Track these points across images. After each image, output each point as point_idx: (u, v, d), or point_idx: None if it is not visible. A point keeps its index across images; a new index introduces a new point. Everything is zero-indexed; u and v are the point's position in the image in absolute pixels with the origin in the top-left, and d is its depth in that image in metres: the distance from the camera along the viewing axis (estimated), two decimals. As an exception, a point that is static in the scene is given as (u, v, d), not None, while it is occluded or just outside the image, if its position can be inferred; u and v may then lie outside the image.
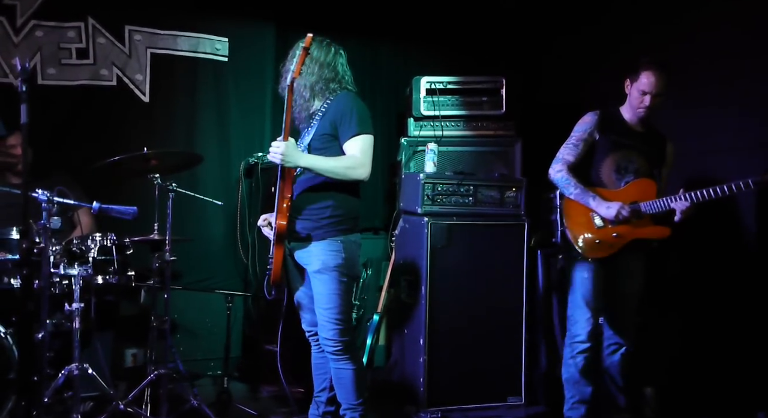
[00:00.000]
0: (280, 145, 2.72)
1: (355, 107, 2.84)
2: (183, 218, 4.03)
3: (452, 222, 3.75)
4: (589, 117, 3.37)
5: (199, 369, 4.30)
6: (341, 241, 2.86)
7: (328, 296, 2.85)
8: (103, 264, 3.22)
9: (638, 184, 3.27)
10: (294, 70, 2.71)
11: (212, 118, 4.56)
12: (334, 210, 2.87)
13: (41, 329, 2.88)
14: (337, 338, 2.87)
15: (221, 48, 4.59)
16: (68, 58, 4.25)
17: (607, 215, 3.19)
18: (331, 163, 2.79)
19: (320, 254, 2.85)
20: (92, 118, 4.27)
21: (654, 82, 3.18)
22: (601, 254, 3.25)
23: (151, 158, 3.24)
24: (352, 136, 2.81)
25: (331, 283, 2.84)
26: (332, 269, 2.84)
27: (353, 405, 2.93)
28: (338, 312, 2.86)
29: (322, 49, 2.91)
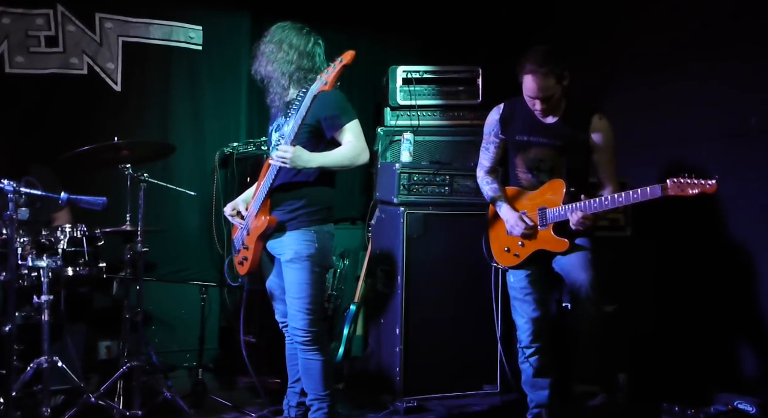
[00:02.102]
0: (289, 149, 2.70)
1: (336, 98, 2.82)
2: (157, 209, 3.98)
3: (428, 212, 3.75)
4: (492, 116, 3.22)
5: (174, 361, 4.26)
6: (314, 231, 2.86)
7: (300, 285, 2.84)
8: (73, 255, 3.18)
9: (550, 186, 3.05)
10: (327, 83, 2.60)
11: (187, 108, 4.50)
12: (308, 200, 2.86)
13: (8, 322, 2.84)
14: (306, 328, 2.86)
15: (195, 36, 4.53)
16: (37, 46, 4.16)
17: (508, 230, 3.11)
18: (336, 158, 2.80)
19: (293, 243, 2.84)
20: (63, 108, 4.19)
21: (536, 87, 2.92)
22: (510, 262, 3.16)
23: (122, 148, 3.19)
24: (343, 125, 2.81)
25: (302, 272, 2.83)
26: (305, 259, 2.83)
27: (321, 396, 2.92)
28: (309, 302, 2.84)
29: (302, 37, 2.88)
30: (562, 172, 3.07)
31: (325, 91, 2.63)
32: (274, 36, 2.90)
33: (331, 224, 2.96)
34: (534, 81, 2.93)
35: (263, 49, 2.90)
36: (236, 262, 3.04)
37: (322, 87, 2.63)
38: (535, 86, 2.94)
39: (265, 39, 2.93)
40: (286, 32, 2.89)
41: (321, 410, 2.92)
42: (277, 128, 2.97)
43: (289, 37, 2.86)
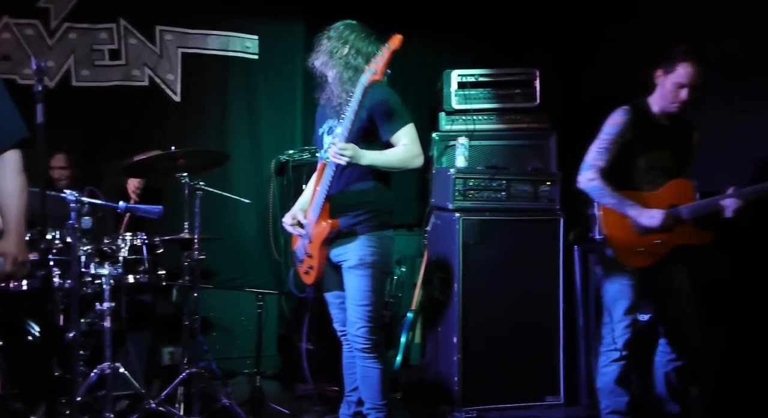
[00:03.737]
0: (347, 147, 2.65)
1: (391, 98, 2.79)
2: (215, 217, 4.04)
3: (485, 218, 3.68)
4: (620, 117, 3.14)
5: (234, 367, 4.30)
6: (377, 237, 2.82)
7: (363, 292, 2.80)
8: (133, 263, 3.24)
9: (675, 186, 3.07)
10: (377, 72, 2.55)
11: (243, 117, 4.56)
12: (370, 205, 2.83)
13: (72, 329, 2.92)
14: (366, 336, 2.82)
15: (251, 46, 4.59)
16: (101, 59, 4.30)
17: (651, 224, 2.99)
18: (390, 158, 2.77)
19: (357, 249, 2.80)
20: (125, 119, 4.31)
21: (692, 74, 2.97)
22: (643, 262, 3.07)
23: (178, 157, 3.24)
24: (398, 129, 2.78)
25: (366, 279, 2.80)
26: (368, 266, 2.80)
27: (378, 405, 2.87)
28: (370, 310, 2.81)
29: (370, 45, 2.82)
30: (678, 172, 3.11)
31: (376, 81, 2.58)
32: (341, 37, 2.84)
33: (392, 229, 2.92)
34: (693, 67, 2.99)
35: (328, 47, 2.84)
36: (301, 272, 3.00)
37: (373, 77, 2.57)
38: (694, 73, 2.99)
39: (331, 34, 2.86)
40: (354, 37, 2.83)
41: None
42: (330, 131, 2.93)
43: (357, 44, 2.81)
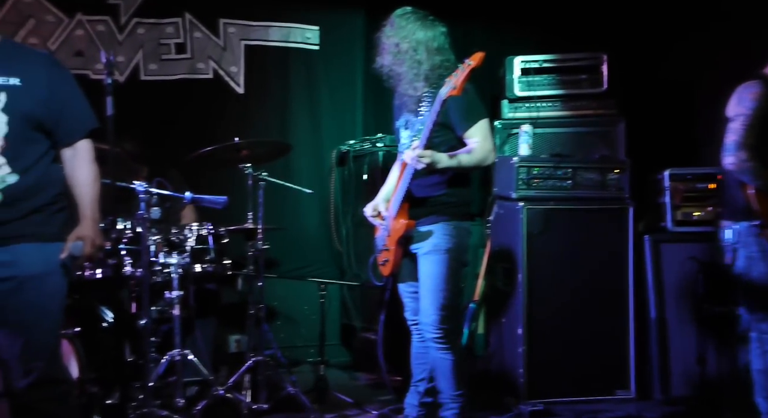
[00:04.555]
0: (426, 153, 2.64)
1: (467, 94, 2.72)
2: (278, 207, 4.09)
3: (549, 207, 3.59)
4: (756, 89, 2.87)
5: (298, 356, 4.37)
6: (454, 226, 2.81)
7: (435, 278, 2.78)
8: (200, 253, 3.30)
9: None
10: (456, 87, 2.56)
11: (304, 107, 4.60)
12: (447, 196, 2.82)
13: (144, 316, 3.00)
14: (438, 325, 2.79)
15: (312, 37, 4.61)
16: (168, 53, 4.40)
17: None
18: (465, 160, 2.74)
19: (433, 236, 2.80)
20: (191, 111, 4.41)
21: None
22: None
23: (241, 148, 3.28)
24: (472, 125, 2.74)
25: (440, 265, 2.78)
26: (443, 252, 2.78)
27: (453, 396, 2.85)
28: (443, 297, 2.78)
29: (428, 29, 2.78)
30: None
31: (453, 96, 2.58)
32: (398, 29, 2.80)
33: (469, 221, 2.90)
34: None
35: (388, 43, 2.82)
36: (379, 262, 3.00)
37: (451, 92, 2.58)
38: None
39: (387, 31, 2.84)
40: (410, 26, 2.79)
41: (451, 410, 2.86)
42: (407, 126, 2.92)
43: (415, 32, 2.77)
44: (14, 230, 2.09)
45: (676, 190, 3.68)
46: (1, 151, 2.07)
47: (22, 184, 2.09)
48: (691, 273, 3.53)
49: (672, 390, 3.57)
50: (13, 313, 2.09)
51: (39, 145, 2.16)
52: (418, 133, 2.81)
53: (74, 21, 4.27)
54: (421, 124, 2.80)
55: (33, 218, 2.13)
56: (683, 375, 3.57)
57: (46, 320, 2.16)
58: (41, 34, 4.22)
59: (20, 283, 2.09)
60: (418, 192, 2.82)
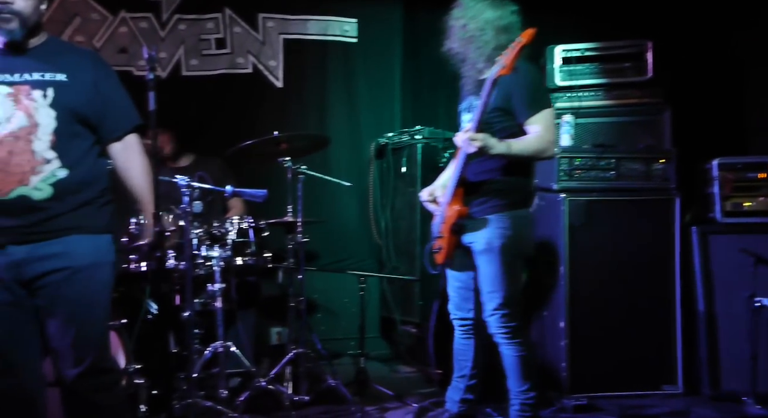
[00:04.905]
0: (478, 136, 2.53)
1: (532, 80, 2.65)
2: (317, 200, 4.11)
3: (592, 198, 3.52)
4: None
5: (338, 348, 4.38)
6: (509, 217, 2.70)
7: (490, 278, 2.70)
8: (241, 246, 3.33)
9: None
10: (506, 66, 2.45)
11: (342, 100, 4.60)
12: (505, 184, 2.72)
13: (188, 308, 3.05)
14: (501, 324, 2.72)
15: (350, 29, 4.61)
16: (208, 48, 4.45)
17: None
18: (521, 148, 2.63)
19: (485, 232, 2.70)
20: (231, 106, 4.45)
21: None
22: None
23: (280, 142, 3.30)
24: (534, 113, 2.63)
25: (493, 265, 2.69)
26: (496, 250, 2.68)
27: (518, 392, 2.79)
28: (502, 296, 2.70)
29: (497, 8, 2.68)
30: None
31: (503, 75, 2.48)
32: (466, 10, 2.72)
33: (528, 208, 2.79)
34: None
35: (456, 25, 2.73)
36: (433, 249, 2.92)
37: (501, 71, 2.47)
38: None
39: (455, 13, 2.76)
40: (478, 5, 2.70)
41: (515, 406, 2.81)
42: (469, 108, 2.82)
43: (483, 12, 2.68)
44: (65, 222, 2.14)
45: (725, 180, 3.57)
46: (51, 145, 2.11)
47: (71, 178, 2.14)
48: (742, 265, 3.42)
49: (722, 385, 3.48)
50: (64, 303, 2.14)
51: (86, 140, 2.21)
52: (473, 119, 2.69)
53: (118, 18, 4.35)
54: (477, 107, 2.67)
55: (82, 211, 2.18)
56: (733, 370, 3.47)
57: (95, 311, 2.21)
58: (87, 32, 4.31)
59: (72, 273, 2.13)
60: (474, 177, 2.72)
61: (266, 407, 3.26)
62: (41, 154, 2.10)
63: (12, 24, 2.08)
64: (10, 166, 2.07)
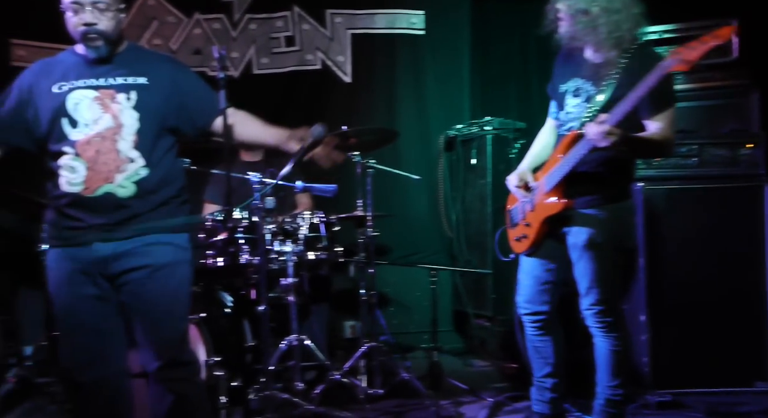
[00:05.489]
0: (615, 132, 2.33)
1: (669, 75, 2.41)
2: (387, 194, 4.10)
3: (673, 186, 3.38)
4: None
5: (411, 342, 4.38)
6: (611, 209, 2.56)
7: (593, 273, 2.58)
8: (313, 241, 3.36)
9: None
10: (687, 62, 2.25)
11: (411, 93, 4.59)
12: (612, 174, 2.57)
13: (262, 302, 3.11)
14: (597, 319, 2.62)
15: (417, 22, 4.58)
16: (278, 46, 4.53)
17: None
18: (651, 145, 2.49)
19: (590, 226, 2.56)
20: (300, 102, 4.51)
21: None
22: None
23: (349, 136, 3.31)
24: (661, 111, 2.45)
25: (597, 259, 2.56)
26: (602, 244, 2.55)
27: (604, 387, 2.69)
28: (602, 291, 2.58)
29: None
30: None
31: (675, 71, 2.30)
32: None
33: (629, 198, 2.65)
34: None
35: (574, 8, 2.52)
36: (512, 237, 2.79)
37: (678, 67, 2.25)
38: None
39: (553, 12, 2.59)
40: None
41: (598, 400, 2.72)
42: (576, 93, 2.62)
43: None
44: (146, 221, 2.22)
45: (818, 164, 3.35)
46: (134, 145, 2.20)
47: (152, 177, 2.22)
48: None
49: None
50: (146, 300, 2.22)
51: (166, 141, 2.28)
52: (597, 104, 2.52)
53: (192, 21, 4.48)
54: (602, 93, 2.51)
55: (161, 210, 2.25)
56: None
57: (175, 307, 2.28)
58: (164, 35, 4.46)
59: (152, 271, 2.21)
60: (580, 168, 2.53)
61: (341, 400, 3.29)
62: (125, 153, 2.19)
63: (98, 42, 2.19)
64: (97, 165, 2.16)
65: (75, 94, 2.19)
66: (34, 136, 2.23)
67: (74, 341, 2.24)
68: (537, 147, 2.86)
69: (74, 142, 2.17)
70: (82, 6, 2.15)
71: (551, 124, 2.86)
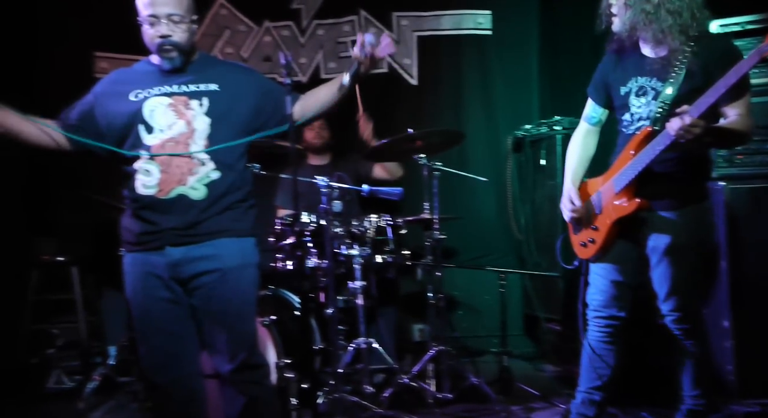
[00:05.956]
0: (699, 123, 2.19)
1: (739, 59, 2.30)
2: (454, 197, 4.07)
3: (758, 186, 3.20)
4: None
5: (481, 346, 4.32)
6: (687, 212, 2.44)
7: (672, 278, 2.46)
8: (380, 244, 3.37)
9: None
10: None
11: (478, 94, 4.54)
12: (689, 172, 2.44)
13: (331, 305, 3.13)
14: (676, 325, 2.53)
15: (484, 22, 4.53)
16: (345, 51, 4.56)
17: None
18: (733, 136, 2.37)
19: (673, 227, 2.43)
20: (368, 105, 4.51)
21: None
22: None
23: (415, 139, 3.30)
24: (739, 98, 2.34)
25: (677, 264, 2.44)
26: (682, 248, 2.43)
27: (685, 396, 2.59)
28: (681, 297, 2.48)
29: None
30: None
31: None
32: None
33: (707, 198, 2.53)
34: None
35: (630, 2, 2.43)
36: (576, 242, 2.69)
37: None
38: None
39: None
40: None
41: (680, 411, 2.62)
42: (641, 92, 2.49)
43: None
44: (215, 225, 2.27)
45: None
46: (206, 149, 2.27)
47: (223, 180, 2.28)
48: None
49: None
50: (217, 303, 2.27)
51: (238, 145, 2.34)
52: (667, 99, 2.40)
53: (262, 28, 4.58)
54: (670, 87, 2.39)
55: (229, 214, 2.31)
56: None
57: (244, 309, 2.33)
58: (235, 44, 4.57)
59: (222, 275, 2.26)
60: (656, 167, 2.41)
61: (410, 403, 3.28)
62: (197, 157, 2.26)
63: (172, 54, 2.28)
64: (171, 168, 2.24)
65: (151, 102, 2.28)
66: (106, 141, 2.32)
67: (150, 344, 2.32)
68: (576, 157, 2.75)
69: (149, 147, 2.26)
70: (158, 19, 2.24)
71: (585, 128, 2.76)
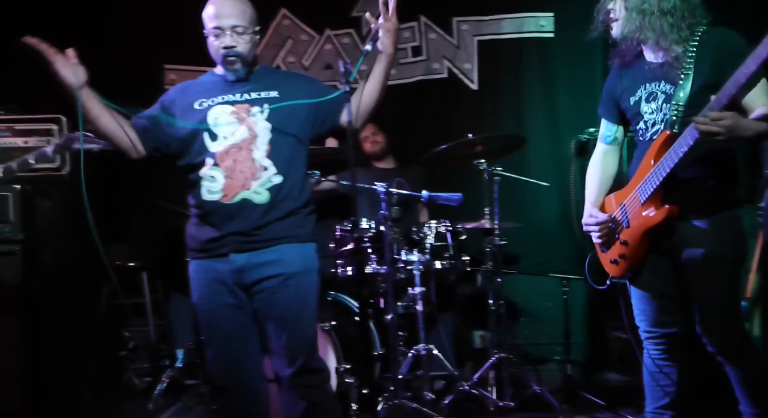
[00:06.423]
0: (727, 115, 2.05)
1: (743, 45, 2.19)
2: (515, 202, 4.03)
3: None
4: None
5: (543, 354, 4.24)
6: (728, 217, 2.31)
7: (710, 290, 2.31)
8: (439, 250, 3.36)
9: None
10: None
11: (539, 98, 4.46)
12: (718, 178, 2.30)
13: (390, 311, 3.15)
14: (718, 341, 2.33)
15: (546, 24, 4.46)
16: (405, 57, 4.58)
17: None
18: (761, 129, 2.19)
19: (705, 237, 2.28)
20: (428, 111, 4.53)
21: None
22: None
23: (476, 144, 3.28)
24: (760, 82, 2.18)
25: (717, 278, 2.30)
26: (721, 261, 2.29)
27: (747, 413, 2.39)
28: (722, 311, 2.32)
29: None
30: None
31: None
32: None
33: (736, 205, 2.37)
34: None
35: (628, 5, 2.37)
36: (605, 260, 2.55)
37: None
38: None
39: None
40: None
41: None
42: (651, 97, 2.39)
43: None
44: (277, 231, 2.32)
45: None
46: (267, 154, 2.33)
47: (284, 184, 2.33)
48: None
49: None
50: (278, 307, 2.31)
51: (299, 151, 2.40)
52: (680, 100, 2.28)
53: (323, 37, 4.64)
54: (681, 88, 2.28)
55: (290, 219, 2.35)
56: None
57: (305, 314, 2.36)
58: (297, 53, 4.65)
59: (284, 280, 2.31)
60: (683, 174, 2.27)
61: (471, 411, 3.27)
62: (259, 161, 2.32)
63: (236, 65, 2.36)
64: (235, 173, 2.31)
65: (215, 110, 2.36)
66: (171, 148, 2.41)
67: (216, 349, 2.38)
68: (596, 180, 2.65)
69: (214, 153, 2.33)
70: (223, 31, 2.32)
71: (603, 149, 2.69)
